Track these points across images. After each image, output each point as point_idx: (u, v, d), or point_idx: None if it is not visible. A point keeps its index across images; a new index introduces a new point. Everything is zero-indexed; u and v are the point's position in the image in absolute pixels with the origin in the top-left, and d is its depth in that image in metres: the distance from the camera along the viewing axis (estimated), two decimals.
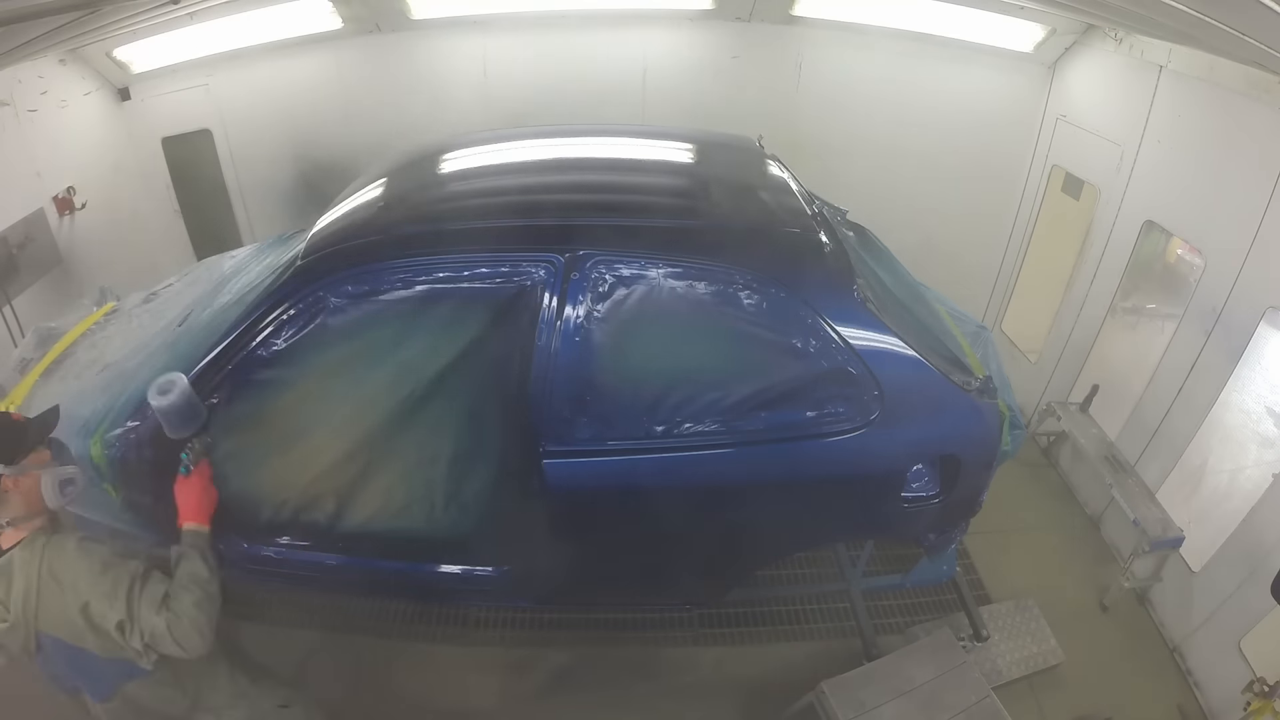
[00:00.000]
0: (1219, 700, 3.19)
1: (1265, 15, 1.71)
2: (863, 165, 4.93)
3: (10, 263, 3.64)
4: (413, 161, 3.19)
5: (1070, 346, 4.48)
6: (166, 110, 4.65)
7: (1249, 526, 3.13)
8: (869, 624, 3.37)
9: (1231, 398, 3.57)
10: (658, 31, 4.72)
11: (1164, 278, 4.65)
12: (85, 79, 4.22)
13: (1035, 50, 4.51)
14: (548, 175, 3.05)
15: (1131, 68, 3.89)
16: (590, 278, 2.44)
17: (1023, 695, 3.28)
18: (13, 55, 3.10)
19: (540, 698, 3.21)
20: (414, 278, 2.46)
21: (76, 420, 2.54)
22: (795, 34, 4.69)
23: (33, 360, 3.04)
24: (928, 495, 2.75)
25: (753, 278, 2.47)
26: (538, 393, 2.46)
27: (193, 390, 2.34)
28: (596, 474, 2.53)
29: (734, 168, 3.22)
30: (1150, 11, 2.53)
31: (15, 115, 3.71)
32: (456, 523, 2.67)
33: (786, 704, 2.95)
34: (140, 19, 3.54)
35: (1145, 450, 3.81)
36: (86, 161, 4.21)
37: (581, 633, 3.46)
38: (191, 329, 2.75)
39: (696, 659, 3.39)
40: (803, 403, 2.52)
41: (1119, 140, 3.99)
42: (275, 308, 2.46)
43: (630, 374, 2.49)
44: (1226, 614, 3.22)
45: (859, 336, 2.49)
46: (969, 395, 2.61)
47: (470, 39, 4.71)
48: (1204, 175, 3.48)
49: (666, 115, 4.80)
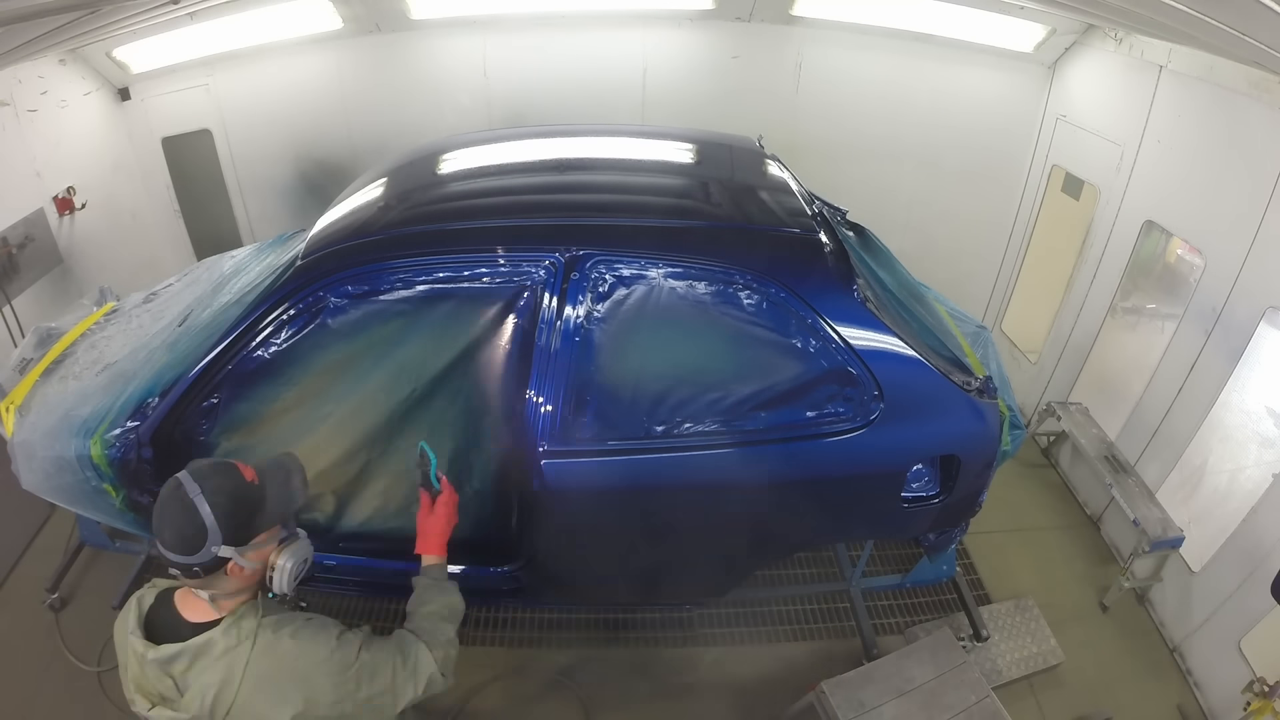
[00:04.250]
0: (1219, 700, 3.19)
1: (1265, 15, 1.71)
2: (863, 165, 4.94)
3: (10, 263, 3.65)
4: (413, 161, 3.20)
5: (1070, 346, 4.49)
6: (166, 110, 4.65)
7: (1249, 526, 3.13)
8: (869, 624, 3.37)
9: (1231, 398, 3.56)
10: (658, 31, 4.72)
11: (1164, 278, 4.64)
12: (85, 79, 4.22)
13: (1035, 50, 4.50)
14: (547, 175, 3.05)
15: (1131, 68, 3.89)
16: (590, 278, 2.45)
17: (1023, 695, 3.28)
18: (13, 55, 3.10)
19: (540, 698, 3.21)
20: (414, 278, 2.46)
21: (76, 420, 2.54)
22: (795, 34, 4.69)
23: (33, 360, 3.04)
24: (928, 495, 2.75)
25: (752, 278, 2.47)
26: (537, 393, 2.46)
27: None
28: (596, 474, 2.53)
29: (734, 168, 3.22)
30: (1150, 11, 2.53)
31: (15, 115, 3.71)
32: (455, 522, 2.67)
33: (786, 704, 2.96)
34: (140, 19, 3.54)
35: (1145, 450, 3.81)
36: (86, 161, 4.22)
37: (581, 633, 3.46)
38: (191, 329, 2.75)
39: (696, 659, 3.39)
40: (803, 403, 2.52)
41: (1119, 140, 3.99)
42: (275, 308, 2.46)
43: (630, 374, 2.49)
44: (1226, 614, 3.22)
45: (859, 336, 2.49)
46: (969, 395, 2.61)
47: (470, 39, 4.71)
48: (1204, 175, 3.48)
49: (666, 115, 4.81)
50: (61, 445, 2.52)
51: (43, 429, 2.59)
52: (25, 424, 2.67)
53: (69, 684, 3.11)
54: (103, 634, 3.22)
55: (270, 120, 4.86)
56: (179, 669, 1.51)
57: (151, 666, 1.51)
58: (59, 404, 2.67)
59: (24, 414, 2.74)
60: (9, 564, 3.60)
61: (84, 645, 3.23)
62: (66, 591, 3.43)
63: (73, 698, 3.06)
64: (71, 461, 2.51)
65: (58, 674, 3.15)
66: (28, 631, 3.30)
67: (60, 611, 3.37)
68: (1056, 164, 4.64)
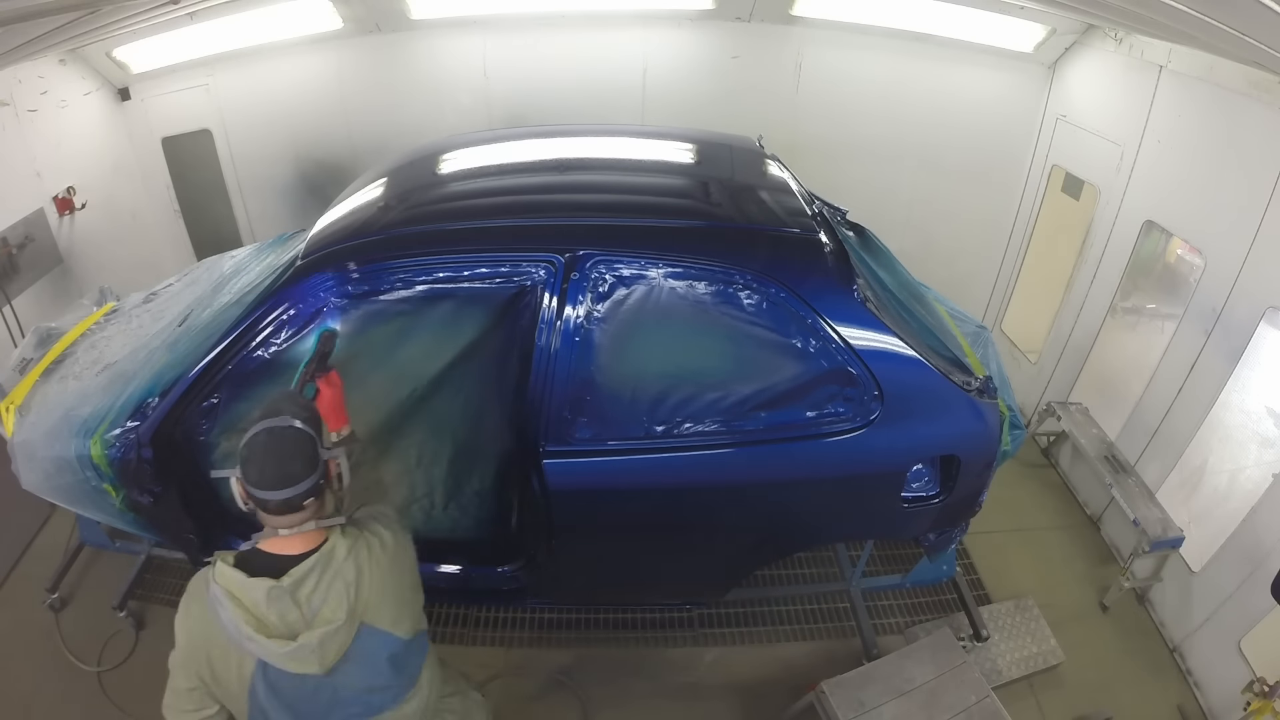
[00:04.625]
0: (1219, 700, 3.19)
1: (1265, 15, 1.71)
2: (863, 165, 4.94)
3: (10, 263, 3.65)
4: (413, 161, 3.20)
5: (1070, 347, 4.48)
6: (166, 110, 4.65)
7: (1249, 526, 3.13)
8: (869, 624, 3.37)
9: (1231, 398, 3.57)
10: (658, 31, 4.72)
11: (1164, 278, 4.65)
12: (85, 79, 4.22)
13: (1035, 50, 4.50)
14: (547, 175, 3.05)
15: (1131, 68, 3.89)
16: (590, 278, 2.45)
17: (1023, 695, 3.28)
18: (13, 55, 3.10)
19: (540, 698, 3.21)
20: (414, 278, 2.47)
21: (76, 420, 2.55)
22: (795, 34, 4.69)
23: (33, 360, 3.04)
24: (928, 495, 2.75)
25: (752, 278, 2.47)
26: (537, 393, 2.46)
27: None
28: (596, 474, 2.53)
29: (734, 167, 3.22)
30: (1150, 11, 2.53)
31: (15, 115, 3.72)
32: (456, 523, 2.67)
33: (786, 704, 2.96)
34: (140, 19, 3.54)
35: (1145, 450, 3.81)
36: (86, 161, 4.22)
37: (581, 633, 3.46)
38: (191, 329, 2.75)
39: (696, 659, 3.39)
40: (803, 403, 2.52)
41: (1119, 140, 3.99)
42: (275, 308, 2.46)
43: (630, 374, 2.49)
44: (1226, 614, 3.22)
45: (859, 336, 2.49)
46: (969, 395, 2.61)
47: (470, 39, 4.71)
48: (1204, 175, 3.48)
49: (666, 115, 4.81)
50: (61, 445, 2.52)
51: (43, 429, 2.59)
52: (25, 424, 2.67)
53: (69, 684, 3.11)
54: (103, 634, 3.24)
55: (270, 120, 4.86)
56: (307, 589, 1.60)
57: (280, 599, 1.57)
58: (59, 404, 2.67)
59: (24, 414, 2.74)
60: (9, 564, 3.60)
61: (84, 645, 3.23)
62: (66, 591, 3.43)
63: (73, 698, 3.06)
64: (71, 461, 2.51)
65: (58, 674, 3.15)
66: (28, 631, 3.30)
67: (60, 611, 3.37)
68: (1056, 164, 4.64)
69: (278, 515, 1.62)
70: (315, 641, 1.58)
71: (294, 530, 1.63)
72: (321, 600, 1.61)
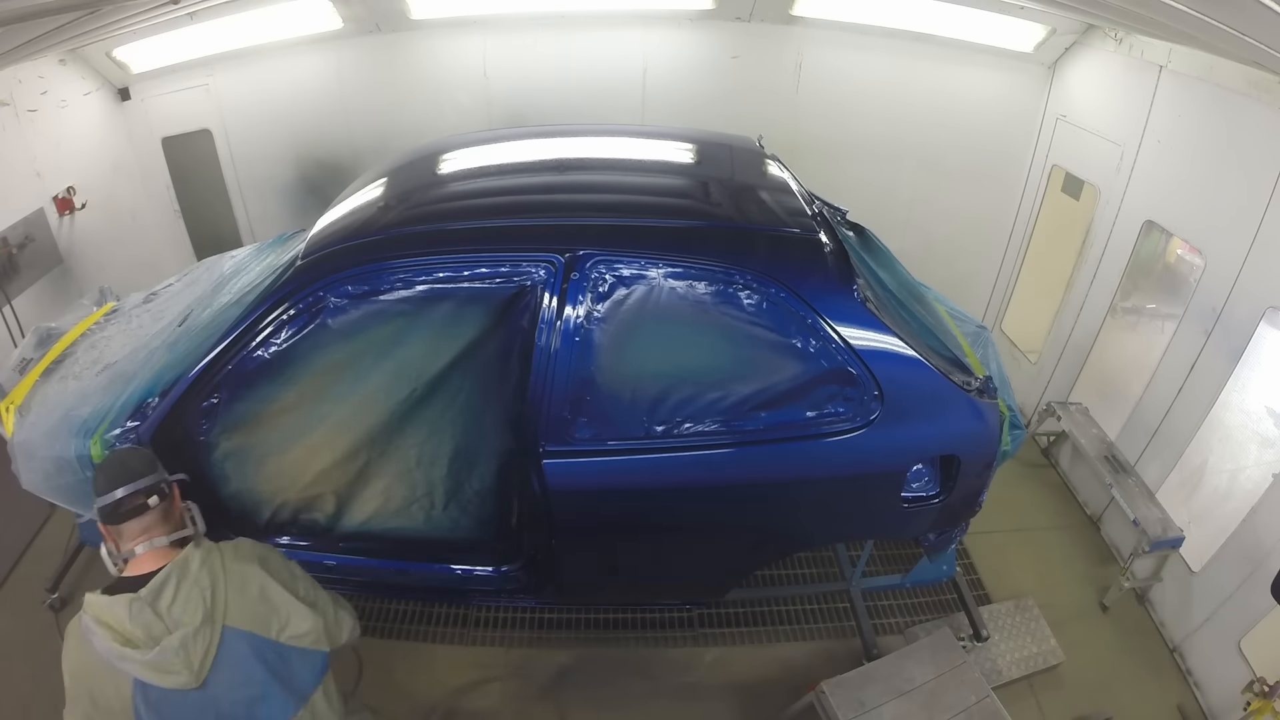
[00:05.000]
0: (1219, 700, 3.19)
1: (1265, 15, 1.71)
2: (863, 165, 4.94)
3: (10, 263, 3.65)
4: (413, 161, 3.20)
5: (1070, 347, 4.48)
6: (166, 110, 4.66)
7: (1249, 526, 3.13)
8: (869, 624, 3.37)
9: (1231, 398, 3.57)
10: (658, 31, 4.72)
11: (1164, 278, 4.65)
12: (85, 79, 4.22)
13: (1035, 50, 4.51)
14: (547, 175, 3.05)
15: (1131, 68, 3.89)
16: (590, 278, 2.45)
17: (1023, 695, 3.28)
18: (13, 55, 3.10)
19: (540, 698, 3.21)
20: (414, 278, 2.46)
21: (76, 420, 2.54)
22: (795, 34, 4.69)
23: (33, 360, 3.04)
24: (928, 495, 2.75)
25: (752, 278, 2.47)
26: (537, 392, 2.46)
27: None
28: (596, 474, 2.53)
29: (734, 167, 3.22)
30: (1150, 11, 2.53)
31: (15, 115, 3.72)
32: (456, 522, 2.67)
33: (786, 704, 2.95)
34: (140, 19, 3.54)
35: (1145, 450, 3.81)
36: (86, 161, 4.22)
37: (581, 633, 3.46)
38: (191, 329, 2.75)
39: (696, 659, 3.39)
40: (803, 403, 2.52)
41: (1119, 140, 3.99)
42: (275, 308, 2.46)
43: (630, 374, 2.49)
44: (1226, 614, 3.22)
45: (859, 336, 2.49)
46: (969, 395, 2.61)
47: (470, 39, 4.71)
48: (1204, 175, 3.48)
49: (666, 115, 4.81)
50: (61, 445, 2.52)
51: (43, 429, 2.59)
52: (25, 424, 2.66)
53: None
54: None
55: (270, 120, 4.86)
56: (166, 599, 1.63)
57: (141, 611, 1.60)
58: (59, 404, 2.67)
59: (24, 414, 2.74)
60: (9, 564, 3.60)
61: None
62: (66, 591, 3.42)
63: None
64: (71, 461, 2.51)
65: (57, 674, 3.14)
66: (28, 631, 3.29)
67: (60, 611, 3.36)
68: (1056, 164, 4.64)
69: (128, 523, 1.73)
70: (176, 643, 1.59)
71: (149, 544, 1.73)
72: (181, 609, 1.64)
